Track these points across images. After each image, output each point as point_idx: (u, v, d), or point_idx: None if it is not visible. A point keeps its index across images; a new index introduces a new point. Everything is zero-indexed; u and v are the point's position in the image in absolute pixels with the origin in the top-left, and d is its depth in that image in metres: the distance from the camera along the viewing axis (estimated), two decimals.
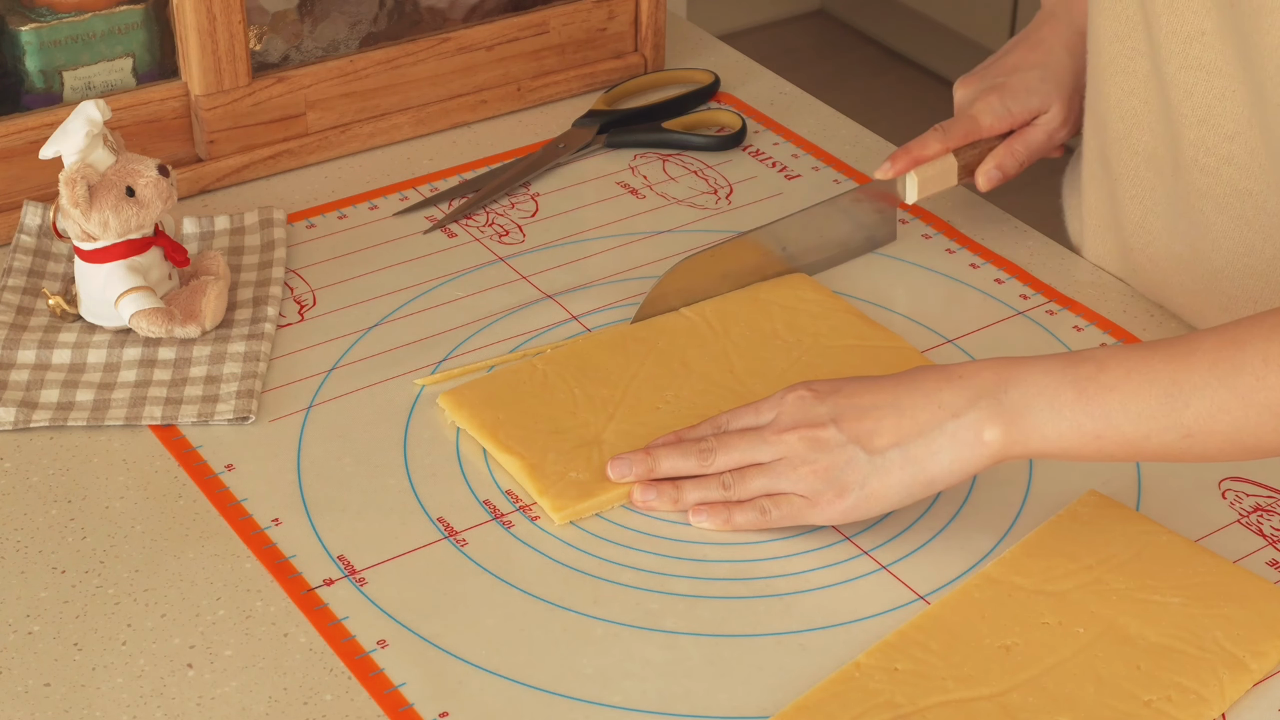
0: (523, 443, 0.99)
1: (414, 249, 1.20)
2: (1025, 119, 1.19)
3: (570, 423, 1.01)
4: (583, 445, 1.00)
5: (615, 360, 1.06)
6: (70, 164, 1.04)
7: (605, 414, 1.02)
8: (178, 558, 0.93)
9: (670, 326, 1.10)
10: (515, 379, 1.04)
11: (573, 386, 1.04)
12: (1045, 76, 1.19)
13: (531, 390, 1.03)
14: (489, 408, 1.02)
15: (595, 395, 1.03)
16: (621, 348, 1.07)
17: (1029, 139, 1.19)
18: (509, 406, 1.02)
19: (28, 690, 0.85)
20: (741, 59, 1.46)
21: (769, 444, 0.94)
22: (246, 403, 1.04)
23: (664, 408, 1.03)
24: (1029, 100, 1.18)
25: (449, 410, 1.02)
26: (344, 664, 0.87)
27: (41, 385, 1.05)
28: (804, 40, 3.55)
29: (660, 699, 0.86)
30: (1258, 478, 1.00)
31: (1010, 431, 0.89)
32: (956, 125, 1.18)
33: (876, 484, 0.91)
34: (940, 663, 0.86)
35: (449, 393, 1.03)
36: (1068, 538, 0.94)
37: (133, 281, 1.06)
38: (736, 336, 1.09)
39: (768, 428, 0.95)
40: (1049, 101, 1.18)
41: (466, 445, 1.02)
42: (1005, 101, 1.18)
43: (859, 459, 0.92)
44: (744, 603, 0.92)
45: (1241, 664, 0.86)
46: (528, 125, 1.35)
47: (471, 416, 1.02)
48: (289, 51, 1.30)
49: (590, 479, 0.97)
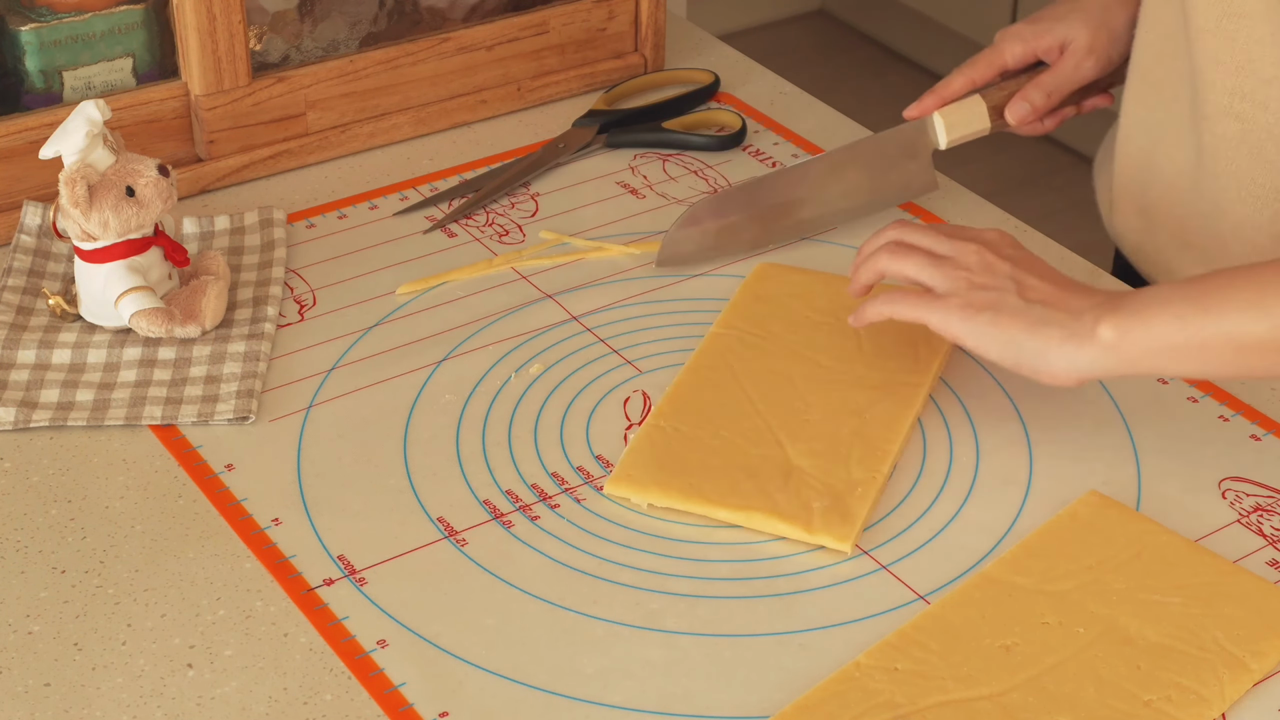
0: (738, 494, 0.97)
1: (414, 249, 1.20)
2: (1051, 46, 1.18)
3: (752, 461, 0.99)
4: (786, 476, 0.98)
5: (717, 395, 1.04)
6: (70, 164, 1.04)
7: (772, 441, 1.00)
8: (178, 558, 0.93)
9: (720, 347, 1.08)
10: (658, 442, 1.00)
11: (716, 431, 1.01)
12: (1074, 8, 1.19)
13: (686, 446, 1.00)
14: (668, 475, 0.98)
15: (744, 430, 1.01)
16: (710, 382, 1.05)
17: (1055, 70, 1.18)
18: (683, 469, 0.98)
19: (28, 690, 0.85)
20: (741, 59, 1.46)
21: (954, 243, 0.99)
22: (246, 403, 1.04)
23: (809, 413, 1.02)
24: (1054, 27, 1.18)
25: (633, 495, 0.97)
26: (344, 664, 0.87)
27: (41, 385, 1.05)
28: (804, 40, 3.55)
29: (660, 699, 0.86)
30: (1258, 478, 1.00)
31: (1122, 325, 0.93)
32: (980, 59, 1.18)
33: (1006, 319, 0.95)
34: (940, 663, 0.86)
35: (617, 479, 0.98)
36: (1068, 538, 0.94)
37: (133, 281, 1.06)
38: (779, 333, 1.09)
39: (966, 235, 1.00)
40: (1074, 30, 1.18)
41: (466, 445, 1.02)
42: (1032, 27, 1.18)
43: (1009, 293, 0.96)
44: (744, 603, 0.92)
45: (1241, 664, 0.86)
46: (528, 125, 1.35)
47: (663, 489, 0.97)
48: (289, 51, 1.30)
49: (833, 501, 0.96)
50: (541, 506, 0.98)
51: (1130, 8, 1.18)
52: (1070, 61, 1.18)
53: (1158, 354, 0.93)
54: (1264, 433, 1.04)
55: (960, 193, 1.28)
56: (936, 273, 0.99)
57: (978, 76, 1.18)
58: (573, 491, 0.99)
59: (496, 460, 1.01)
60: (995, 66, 1.18)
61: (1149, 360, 0.94)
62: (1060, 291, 0.96)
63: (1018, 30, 1.18)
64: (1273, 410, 1.06)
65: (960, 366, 1.09)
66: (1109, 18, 1.18)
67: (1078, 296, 0.96)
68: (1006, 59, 1.18)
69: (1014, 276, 0.97)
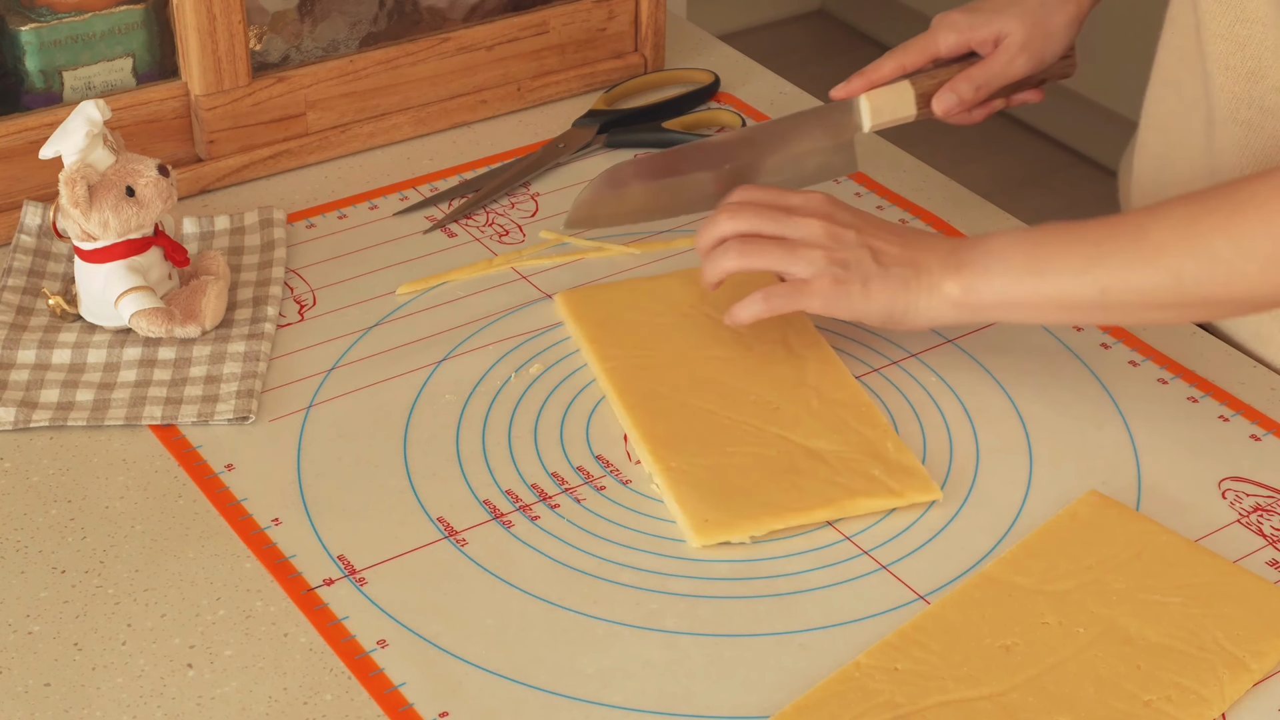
0: (808, 495, 0.97)
1: (414, 249, 1.20)
2: (985, 39, 1.16)
3: (782, 463, 0.99)
4: (820, 461, 0.99)
5: (685, 421, 1.02)
6: (70, 164, 1.04)
7: (775, 439, 1.01)
8: (178, 558, 0.93)
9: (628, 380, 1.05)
10: (695, 482, 0.98)
11: (722, 451, 1.00)
12: (1013, 1, 1.16)
13: (719, 476, 0.98)
14: (739, 505, 0.96)
15: (744, 440, 1.01)
16: (663, 412, 1.03)
17: (987, 64, 1.16)
18: (743, 495, 0.97)
19: (28, 690, 0.85)
20: (741, 59, 1.46)
21: (794, 221, 1.03)
22: (246, 403, 1.04)
23: (772, 402, 1.03)
24: (991, 20, 1.16)
25: (730, 536, 0.95)
26: (344, 664, 0.87)
27: (41, 385, 1.05)
28: (804, 40, 3.55)
29: (660, 699, 0.86)
30: (1258, 478, 1.00)
31: (966, 283, 0.99)
32: (913, 45, 1.17)
33: (875, 288, 1.01)
34: (940, 663, 0.86)
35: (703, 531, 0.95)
36: (1068, 538, 0.94)
37: (133, 281, 1.06)
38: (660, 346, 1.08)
39: (796, 209, 1.04)
40: (1011, 24, 1.16)
41: (466, 445, 1.02)
42: (968, 17, 1.16)
43: (867, 261, 1.01)
44: (744, 603, 0.92)
45: (1241, 664, 0.86)
46: (528, 125, 1.35)
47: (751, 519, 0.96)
48: (289, 51, 1.30)
49: (881, 463, 0.99)
50: (541, 506, 0.98)
51: (1070, 7, 1.17)
52: (1003, 57, 1.16)
53: (998, 308, 1.00)
54: (1264, 433, 1.04)
55: (960, 193, 1.28)
56: (794, 258, 1.02)
57: (909, 62, 1.16)
58: (573, 491, 0.99)
59: (496, 460, 1.01)
60: (928, 54, 1.16)
61: (993, 313, 1.01)
62: (908, 250, 1.02)
63: (954, 19, 1.17)
64: (1273, 410, 1.06)
65: (961, 367, 1.09)
66: (1046, 15, 1.16)
67: (923, 251, 1.02)
68: (940, 47, 1.16)
69: (864, 244, 1.02)
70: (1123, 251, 0.96)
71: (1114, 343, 1.11)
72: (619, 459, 1.01)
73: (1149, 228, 0.96)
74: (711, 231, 1.05)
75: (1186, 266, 0.94)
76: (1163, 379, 1.08)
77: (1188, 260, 0.94)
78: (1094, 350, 1.10)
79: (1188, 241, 0.94)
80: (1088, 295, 0.97)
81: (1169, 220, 0.95)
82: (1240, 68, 1.06)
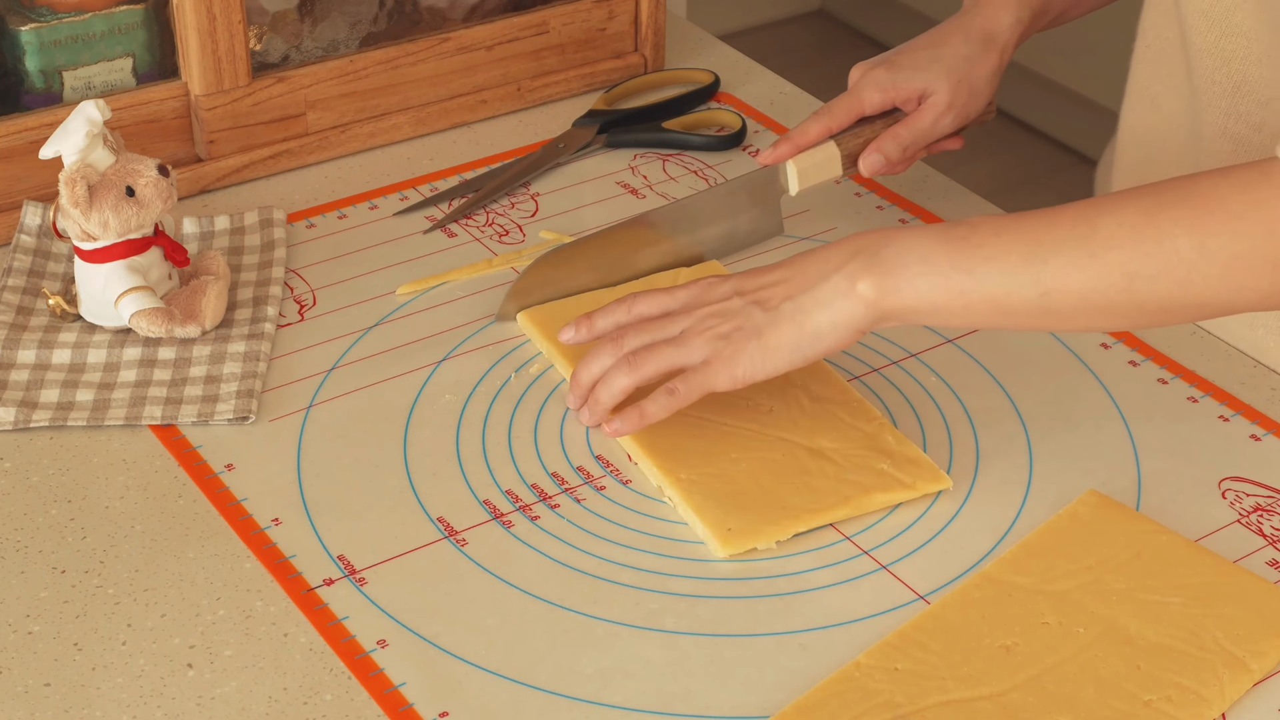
0: (823, 495, 0.97)
1: (414, 249, 1.20)
2: (910, 97, 1.15)
3: (791, 466, 0.99)
4: (828, 460, 0.99)
5: (686, 434, 1.01)
6: (70, 164, 1.04)
7: (779, 443, 1.00)
8: (178, 558, 0.93)
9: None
10: (710, 492, 0.97)
11: (728, 458, 1.00)
12: (936, 57, 1.15)
13: (731, 484, 0.98)
14: (757, 511, 0.96)
15: (749, 447, 1.00)
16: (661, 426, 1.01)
17: (913, 123, 1.15)
18: (759, 501, 0.96)
19: (28, 690, 0.85)
20: (741, 59, 1.46)
21: (673, 320, 0.98)
22: (246, 403, 1.04)
23: (764, 405, 1.03)
24: (914, 77, 1.14)
25: (755, 543, 0.94)
26: (344, 664, 0.87)
27: (41, 385, 1.05)
28: (804, 40, 3.55)
29: (660, 699, 0.86)
30: (1258, 478, 1.00)
31: (883, 284, 0.93)
32: (838, 105, 1.15)
33: (771, 336, 0.95)
34: (940, 663, 0.86)
35: (727, 541, 0.94)
36: (1068, 538, 0.94)
37: (133, 281, 1.06)
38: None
39: (675, 312, 0.99)
40: (935, 83, 1.14)
41: (466, 445, 1.02)
42: (892, 75, 1.15)
43: (755, 315, 0.96)
44: (744, 603, 0.92)
45: (1241, 664, 0.86)
46: (528, 125, 1.36)
47: (773, 525, 0.95)
48: (289, 51, 1.30)
49: (886, 457, 0.99)
50: (541, 506, 0.98)
51: (993, 58, 1.15)
52: (928, 116, 1.15)
53: (919, 311, 0.93)
54: (1264, 433, 1.04)
55: (960, 193, 1.28)
56: (683, 351, 0.97)
57: (834, 124, 1.14)
58: (573, 491, 0.99)
59: (496, 460, 1.01)
60: (853, 114, 1.15)
61: (913, 316, 0.94)
62: (794, 273, 0.96)
63: (878, 77, 1.15)
64: (1273, 410, 1.06)
65: (960, 367, 1.09)
66: (970, 71, 1.15)
67: (813, 267, 0.95)
68: (865, 107, 1.15)
69: (744, 296, 0.97)
70: (1067, 247, 0.90)
71: (1114, 343, 1.11)
72: (619, 459, 1.01)
73: (1097, 222, 0.90)
74: (592, 369, 1.00)
75: (1140, 264, 0.88)
76: (1163, 379, 1.08)
77: (1142, 258, 0.88)
78: (1094, 350, 1.10)
79: (1143, 238, 0.88)
80: (1026, 297, 0.90)
81: (1120, 215, 0.89)
82: (1226, 82, 1.06)
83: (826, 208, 1.25)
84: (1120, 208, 0.90)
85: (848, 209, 1.25)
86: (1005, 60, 1.16)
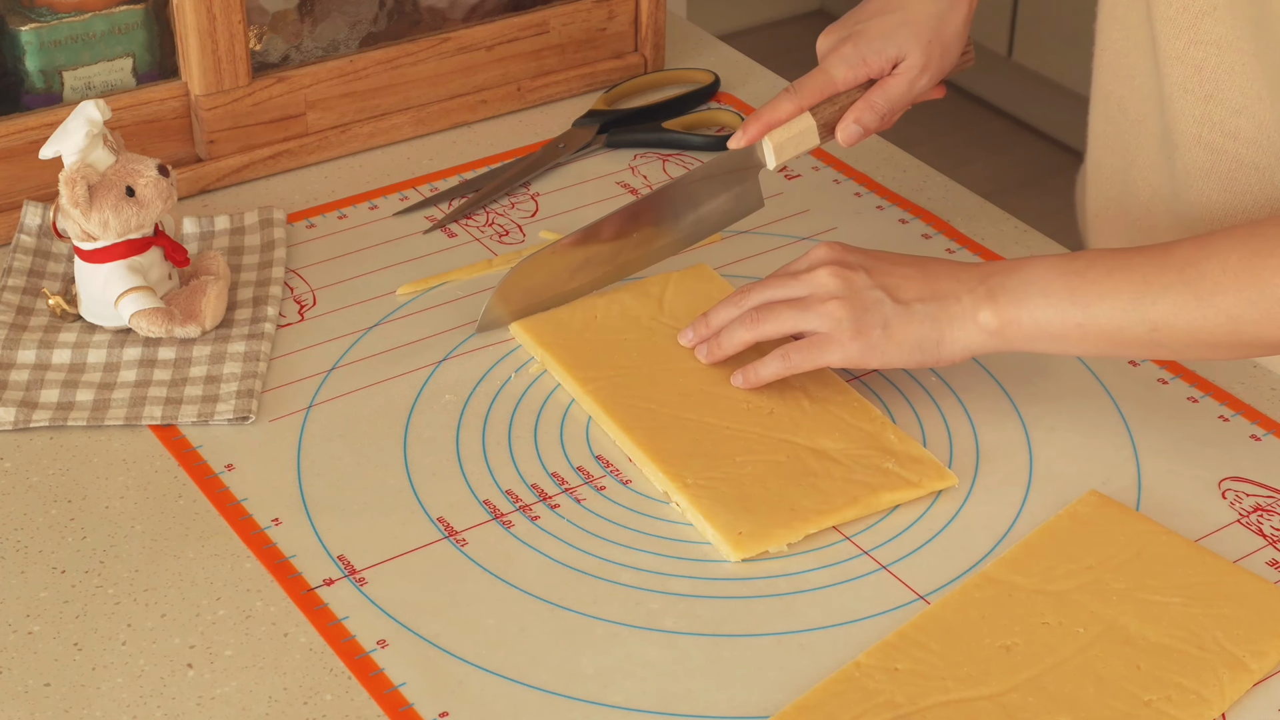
0: (831, 495, 0.97)
1: (414, 249, 1.20)
2: (882, 67, 1.12)
3: (797, 467, 0.99)
4: (833, 461, 0.99)
5: (690, 438, 1.01)
6: (70, 164, 1.04)
7: (782, 445, 1.00)
8: (178, 558, 0.93)
9: (614, 402, 1.04)
10: (718, 495, 0.97)
11: (733, 460, 0.99)
12: (904, 20, 1.12)
13: (739, 487, 0.97)
14: (767, 514, 0.96)
15: (753, 449, 1.00)
16: (665, 430, 1.02)
17: (888, 89, 1.12)
18: (768, 503, 0.96)
19: (28, 690, 0.85)
20: (741, 59, 1.46)
21: (802, 279, 1.01)
22: (246, 403, 1.04)
23: (765, 407, 1.03)
24: (885, 47, 1.11)
25: (767, 546, 0.94)
26: (344, 664, 0.87)
27: (41, 385, 1.05)
28: (804, 40, 3.54)
29: (660, 699, 0.86)
30: (1258, 478, 1.00)
31: (1004, 314, 0.96)
32: (809, 82, 1.12)
33: (897, 329, 0.98)
34: (940, 663, 0.86)
35: (738, 546, 0.94)
36: (1068, 538, 0.94)
37: (133, 281, 1.06)
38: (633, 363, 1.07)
39: (801, 270, 1.02)
40: (906, 47, 1.11)
41: (466, 445, 1.02)
42: (860, 49, 1.11)
43: (885, 302, 0.99)
44: (744, 603, 0.92)
45: (1241, 664, 0.86)
46: (528, 125, 1.36)
47: (784, 528, 0.95)
48: (289, 51, 1.30)
49: (891, 456, 0.99)
50: (541, 506, 0.98)
51: (961, 9, 1.12)
52: (904, 80, 1.12)
53: (1037, 340, 0.97)
54: (1264, 433, 1.04)
55: (960, 193, 1.28)
56: (810, 317, 1.00)
57: (806, 102, 1.11)
58: (573, 491, 0.99)
59: (496, 460, 1.01)
60: (824, 92, 1.11)
61: (1031, 344, 0.97)
62: (929, 281, 0.99)
63: (845, 53, 1.11)
64: (1273, 410, 1.06)
65: (960, 367, 1.09)
66: (941, 28, 1.12)
67: (946, 280, 0.99)
68: (836, 84, 1.12)
69: (879, 285, 0.99)
70: (1174, 291, 0.93)
71: None
72: (619, 459, 1.01)
73: (1203, 266, 0.93)
74: (721, 314, 1.04)
75: (1244, 310, 0.92)
76: (1163, 379, 1.08)
77: (1245, 305, 0.92)
78: None
79: (1245, 285, 0.91)
80: (1136, 333, 0.94)
81: (1225, 258, 0.92)
82: (1199, 90, 1.05)
83: (827, 208, 1.25)
84: (1226, 251, 0.93)
85: (848, 209, 1.25)
86: (974, 7, 1.13)
